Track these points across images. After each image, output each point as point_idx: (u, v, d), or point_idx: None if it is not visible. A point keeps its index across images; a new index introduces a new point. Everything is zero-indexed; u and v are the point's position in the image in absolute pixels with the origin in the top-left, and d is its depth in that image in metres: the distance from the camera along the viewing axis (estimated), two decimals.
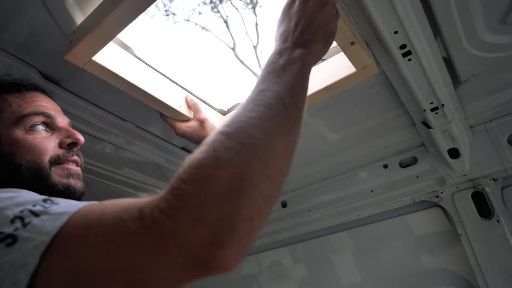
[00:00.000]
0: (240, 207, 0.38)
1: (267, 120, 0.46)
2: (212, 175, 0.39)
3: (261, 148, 0.43)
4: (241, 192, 0.39)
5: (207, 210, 0.37)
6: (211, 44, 15.48)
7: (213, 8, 10.77)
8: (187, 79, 13.89)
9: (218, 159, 0.40)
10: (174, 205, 0.38)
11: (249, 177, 0.40)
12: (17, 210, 0.44)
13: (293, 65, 0.58)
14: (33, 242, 0.40)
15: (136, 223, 0.38)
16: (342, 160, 1.46)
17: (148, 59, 1.01)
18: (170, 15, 10.55)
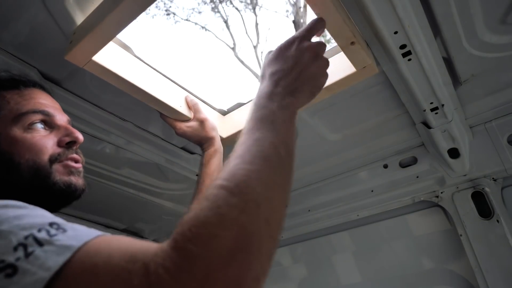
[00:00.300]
0: (247, 270, 0.38)
1: (267, 173, 0.46)
2: (218, 235, 0.38)
3: (264, 205, 0.42)
4: (247, 254, 0.38)
5: (215, 275, 0.36)
6: (211, 44, 15.48)
7: (213, 8, 10.77)
8: (187, 79, 13.90)
9: (222, 218, 0.39)
10: (180, 267, 0.36)
11: (254, 237, 0.40)
12: (22, 236, 0.42)
13: (284, 113, 0.58)
14: (33, 276, 0.39)
15: (142, 279, 0.36)
16: (342, 160, 1.46)
17: (148, 59, 1.02)
18: (171, 15, 10.56)
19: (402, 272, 1.45)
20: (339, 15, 0.79)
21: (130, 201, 1.60)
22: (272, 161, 0.48)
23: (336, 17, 0.80)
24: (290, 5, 10.72)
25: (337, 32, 0.84)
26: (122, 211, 1.70)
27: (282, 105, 0.59)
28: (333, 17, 0.80)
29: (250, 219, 0.40)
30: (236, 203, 0.41)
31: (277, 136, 0.52)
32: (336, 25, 0.82)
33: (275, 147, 0.50)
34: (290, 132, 0.56)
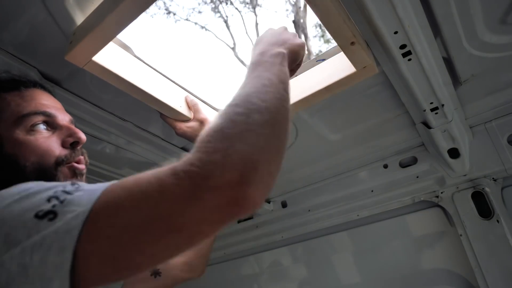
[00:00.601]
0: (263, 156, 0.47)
1: (265, 93, 0.56)
2: (232, 133, 0.47)
3: (265, 111, 0.52)
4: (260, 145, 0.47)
5: (233, 157, 0.44)
6: (211, 44, 15.47)
7: (213, 8, 10.77)
8: (187, 79, 13.92)
9: (234, 123, 0.49)
10: (203, 159, 0.45)
11: (260, 131, 0.49)
12: (51, 192, 0.48)
13: (276, 58, 0.69)
14: (74, 213, 0.44)
15: (172, 178, 0.44)
16: (342, 160, 1.46)
17: (148, 59, 1.01)
18: (170, 14, 10.55)
19: (402, 272, 1.45)
20: (339, 15, 0.79)
21: None
22: (267, 86, 0.58)
23: (336, 17, 0.80)
24: (290, 5, 10.72)
25: (337, 32, 0.84)
26: None
27: (271, 54, 0.70)
28: (333, 17, 0.80)
29: (255, 121, 0.49)
30: (242, 111, 0.51)
31: (270, 72, 0.63)
32: (336, 25, 0.82)
33: (269, 78, 0.61)
34: (280, 69, 0.66)
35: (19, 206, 0.46)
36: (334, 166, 1.49)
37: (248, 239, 1.80)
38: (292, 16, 10.26)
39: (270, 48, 0.73)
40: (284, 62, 0.70)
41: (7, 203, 0.47)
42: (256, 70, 0.64)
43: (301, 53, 0.82)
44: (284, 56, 0.71)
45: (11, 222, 0.45)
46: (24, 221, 0.44)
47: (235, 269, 1.90)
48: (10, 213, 0.46)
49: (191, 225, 0.43)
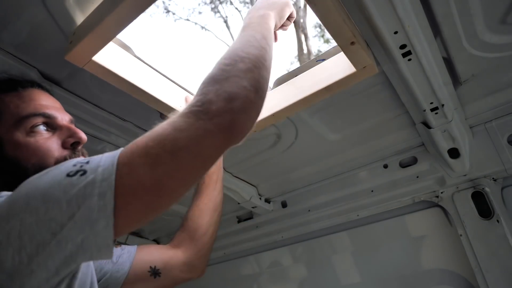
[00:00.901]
0: (244, 89, 0.58)
1: (248, 46, 0.67)
2: (221, 78, 0.59)
3: (248, 61, 0.63)
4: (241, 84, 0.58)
5: (222, 94, 0.56)
6: (211, 44, 15.45)
7: (213, 8, 10.76)
8: (187, 79, 13.92)
9: (222, 71, 0.60)
10: (201, 99, 0.56)
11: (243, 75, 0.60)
12: (73, 161, 0.55)
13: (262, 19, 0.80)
14: (102, 166, 0.52)
15: (182, 119, 0.55)
16: (342, 160, 1.46)
17: (148, 59, 1.02)
18: (170, 13, 10.54)
19: (402, 272, 1.45)
20: (339, 15, 0.79)
21: None
22: (250, 41, 0.69)
23: (336, 17, 0.80)
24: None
25: (337, 32, 0.84)
26: None
27: (258, 15, 0.81)
28: (333, 17, 0.80)
29: (239, 69, 0.61)
30: (229, 62, 0.62)
31: (255, 30, 0.74)
32: (336, 25, 0.82)
33: (253, 35, 0.71)
34: (265, 27, 0.77)
35: (48, 175, 0.53)
36: (334, 166, 1.49)
37: (248, 239, 1.80)
38: None
39: (257, 11, 0.84)
40: (269, 21, 0.81)
41: (35, 178, 0.54)
42: (244, 31, 0.75)
43: (286, 9, 0.92)
44: (270, 16, 0.83)
45: (44, 185, 0.51)
46: (58, 181, 0.51)
47: (235, 269, 1.90)
48: (40, 180, 0.52)
49: (204, 149, 0.54)
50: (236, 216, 1.81)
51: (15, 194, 0.52)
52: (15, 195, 0.52)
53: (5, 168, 0.67)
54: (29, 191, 0.51)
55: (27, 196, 0.50)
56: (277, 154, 1.41)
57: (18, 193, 0.52)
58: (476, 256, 1.25)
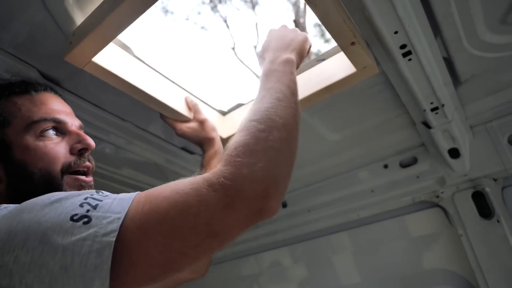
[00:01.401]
0: (281, 172, 0.56)
1: (281, 108, 0.64)
2: (256, 149, 0.55)
3: (282, 128, 0.61)
4: (279, 162, 0.56)
5: (258, 173, 0.53)
6: (211, 44, 15.45)
7: (212, 8, 10.76)
8: (187, 79, 13.81)
9: (258, 139, 0.57)
10: (234, 173, 0.52)
11: (284, 151, 0.58)
12: (81, 198, 0.51)
13: (285, 66, 0.77)
14: (108, 218, 0.48)
15: (209, 189, 0.50)
16: (342, 160, 1.46)
17: (148, 59, 1.01)
18: (168, 13, 10.55)
19: (402, 272, 1.45)
20: (339, 15, 0.79)
21: None
22: (282, 101, 0.66)
23: (336, 17, 0.80)
24: (290, 4, 10.72)
25: (337, 32, 0.84)
26: None
27: (280, 62, 0.78)
28: (333, 18, 0.80)
29: (275, 138, 0.58)
30: (264, 128, 0.59)
31: (282, 83, 0.71)
32: (336, 25, 0.82)
33: (282, 91, 0.68)
34: (292, 80, 0.74)
35: (53, 211, 0.49)
36: (334, 166, 1.49)
37: (248, 239, 1.80)
38: (292, 16, 10.25)
39: (278, 54, 0.81)
40: (293, 68, 0.78)
41: (40, 207, 0.50)
42: (269, 81, 0.72)
43: (307, 47, 0.89)
44: (293, 62, 0.80)
45: (46, 223, 0.47)
46: (60, 223, 0.47)
47: (235, 269, 1.90)
48: (44, 216, 0.48)
49: (225, 230, 0.51)
50: None
51: (17, 221, 0.49)
52: (17, 223, 0.48)
53: (13, 171, 0.67)
54: (31, 226, 0.47)
55: (27, 231, 0.47)
56: None
57: (20, 221, 0.48)
58: (476, 256, 1.25)
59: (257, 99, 0.68)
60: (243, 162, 0.53)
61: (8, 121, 0.69)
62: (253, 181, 0.52)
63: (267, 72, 0.76)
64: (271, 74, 0.75)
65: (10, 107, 0.70)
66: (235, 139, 0.58)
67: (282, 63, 0.78)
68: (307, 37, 0.89)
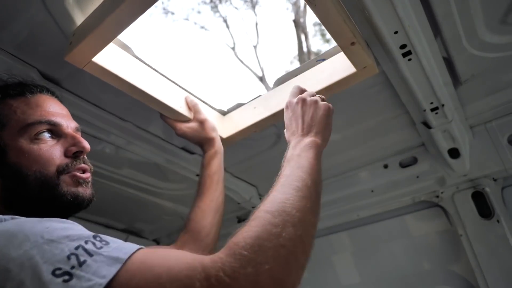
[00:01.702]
0: (290, 277, 0.50)
1: (298, 201, 0.59)
2: (266, 246, 0.49)
3: (298, 224, 0.54)
4: (290, 264, 0.50)
5: (264, 276, 0.46)
6: (211, 43, 15.45)
7: (213, 8, 10.77)
8: (187, 79, 13.91)
9: (270, 234, 0.51)
10: (236, 270, 0.46)
11: (295, 252, 0.52)
12: (72, 246, 0.48)
13: (307, 152, 0.72)
14: (89, 282, 0.45)
15: (204, 283, 0.44)
16: (342, 160, 1.46)
17: (148, 59, 1.01)
18: (169, 14, 10.55)
19: (402, 272, 1.45)
20: (339, 16, 0.79)
21: (130, 201, 1.60)
22: (301, 191, 0.61)
23: (336, 17, 0.80)
24: (290, 4, 10.72)
25: (337, 32, 0.84)
26: (122, 211, 1.70)
27: (304, 146, 0.74)
28: (333, 18, 0.80)
29: (289, 235, 0.52)
30: (278, 223, 0.53)
31: (303, 170, 0.66)
32: (336, 25, 0.82)
33: (303, 179, 0.63)
34: (314, 166, 0.69)
35: (40, 255, 0.47)
36: (334, 166, 1.49)
37: None
38: (292, 15, 10.26)
39: (300, 139, 0.77)
40: (317, 152, 0.73)
41: (29, 246, 0.48)
42: (290, 167, 0.68)
43: (330, 121, 0.84)
44: (316, 145, 0.75)
45: (28, 270, 0.46)
46: (40, 274, 0.45)
47: None
48: (30, 260, 0.47)
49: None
50: (236, 216, 1.81)
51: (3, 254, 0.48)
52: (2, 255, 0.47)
53: (7, 174, 0.66)
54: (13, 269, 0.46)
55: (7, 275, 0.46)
56: (277, 154, 1.41)
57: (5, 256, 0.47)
58: (476, 256, 1.25)
59: (275, 186, 0.64)
60: (249, 258, 0.47)
61: (3, 124, 0.68)
62: (256, 284, 0.45)
63: (289, 157, 0.72)
64: (292, 159, 0.71)
65: (5, 110, 0.69)
66: (245, 229, 0.53)
67: (305, 147, 0.74)
68: (328, 110, 0.83)
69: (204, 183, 1.05)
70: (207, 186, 1.05)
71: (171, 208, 1.70)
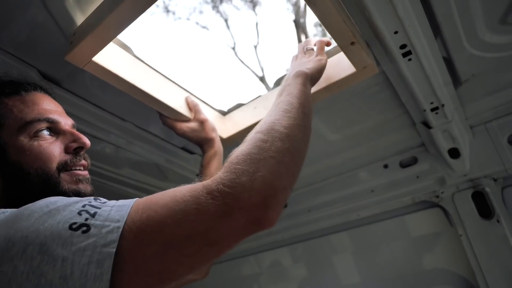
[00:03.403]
0: (281, 182, 0.55)
1: (286, 120, 0.65)
2: (258, 159, 0.56)
3: (286, 138, 0.61)
4: (280, 171, 0.56)
5: (257, 182, 0.52)
6: (211, 43, 15.44)
7: (213, 8, 10.77)
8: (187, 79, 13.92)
9: (260, 149, 0.58)
10: (233, 180, 0.52)
11: (285, 161, 0.58)
12: (79, 205, 0.51)
13: (295, 79, 0.80)
14: (108, 227, 0.48)
15: (207, 196, 0.50)
16: (342, 160, 1.46)
17: (148, 59, 1.02)
18: (170, 13, 10.56)
19: (402, 272, 1.45)
20: (339, 16, 0.79)
21: None
22: (289, 112, 0.67)
23: (336, 17, 0.80)
24: (290, 4, 10.72)
25: (337, 32, 0.84)
26: None
27: (293, 75, 0.82)
28: (333, 18, 0.80)
29: (277, 148, 0.58)
30: (267, 139, 0.60)
31: (292, 95, 0.73)
32: (336, 25, 0.82)
33: (290, 103, 0.70)
34: (301, 90, 0.76)
35: (51, 219, 0.49)
36: (334, 166, 1.49)
37: (248, 239, 1.79)
38: (292, 16, 10.25)
39: (292, 70, 0.84)
40: (305, 80, 0.80)
41: (38, 215, 0.49)
42: (280, 95, 0.75)
43: (323, 63, 0.92)
44: (304, 74, 0.82)
45: (45, 232, 0.47)
46: (58, 232, 0.47)
47: (235, 269, 1.90)
48: (43, 224, 0.48)
49: (222, 239, 0.51)
50: None
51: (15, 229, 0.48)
52: (15, 231, 0.48)
53: (8, 172, 0.66)
54: (29, 235, 0.47)
55: (26, 240, 0.47)
56: None
57: (18, 230, 0.48)
58: (476, 256, 1.25)
59: (267, 114, 0.70)
60: (243, 170, 0.53)
61: (0, 123, 0.68)
62: (251, 190, 0.51)
63: (281, 88, 0.79)
64: (284, 90, 0.77)
65: (1, 109, 0.69)
66: (238, 149, 0.59)
67: (293, 76, 0.81)
68: (322, 58, 0.93)
69: None
70: None
71: None
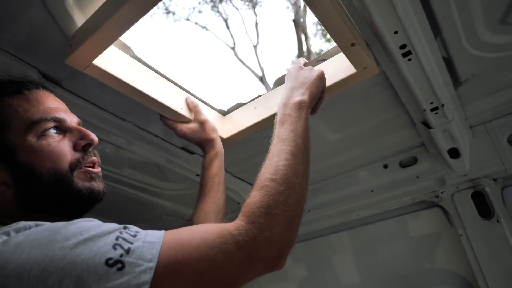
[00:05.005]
0: (293, 234, 0.64)
1: (296, 167, 0.70)
2: (276, 213, 0.62)
3: (299, 189, 0.67)
4: (293, 224, 0.64)
5: (277, 236, 0.60)
6: (211, 44, 15.44)
7: (213, 7, 10.77)
8: (187, 79, 13.91)
9: (277, 202, 0.63)
10: (256, 234, 0.59)
11: (296, 213, 0.65)
12: (113, 237, 0.53)
13: (297, 111, 0.80)
14: (141, 267, 0.50)
15: (235, 246, 0.57)
16: (342, 160, 1.46)
17: (148, 59, 1.01)
18: (170, 14, 10.56)
19: (402, 272, 1.45)
20: (339, 17, 0.79)
21: (130, 201, 1.60)
22: (297, 156, 0.71)
23: (336, 18, 0.80)
24: (290, 4, 10.72)
25: (337, 33, 0.84)
26: (122, 211, 1.70)
27: (294, 105, 0.81)
28: (333, 19, 0.80)
29: (292, 200, 0.65)
30: (284, 190, 0.65)
31: (297, 134, 0.75)
32: (336, 26, 0.82)
33: (297, 144, 0.73)
34: (305, 128, 0.78)
35: (88, 250, 0.50)
36: (334, 166, 1.49)
37: None
38: (292, 15, 10.25)
39: (291, 94, 0.85)
40: (306, 112, 0.81)
41: (72, 243, 0.50)
42: (284, 129, 0.77)
43: (321, 84, 0.91)
44: (305, 104, 0.82)
45: (81, 265, 0.48)
46: (95, 267, 0.48)
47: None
48: (79, 256, 0.49)
49: (240, 281, 0.58)
50: (236, 216, 1.81)
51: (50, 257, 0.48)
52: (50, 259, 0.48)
53: (19, 175, 0.65)
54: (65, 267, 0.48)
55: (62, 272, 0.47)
56: None
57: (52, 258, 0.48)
58: (476, 256, 1.25)
59: (273, 152, 0.73)
60: (264, 225, 0.60)
61: (6, 124, 0.67)
62: (272, 244, 0.59)
63: (282, 117, 0.80)
64: (285, 121, 0.79)
65: (6, 109, 0.68)
66: (256, 198, 0.64)
67: (295, 107, 0.81)
68: (322, 74, 0.92)
69: (205, 185, 1.05)
70: (208, 188, 1.05)
71: (171, 208, 1.70)
